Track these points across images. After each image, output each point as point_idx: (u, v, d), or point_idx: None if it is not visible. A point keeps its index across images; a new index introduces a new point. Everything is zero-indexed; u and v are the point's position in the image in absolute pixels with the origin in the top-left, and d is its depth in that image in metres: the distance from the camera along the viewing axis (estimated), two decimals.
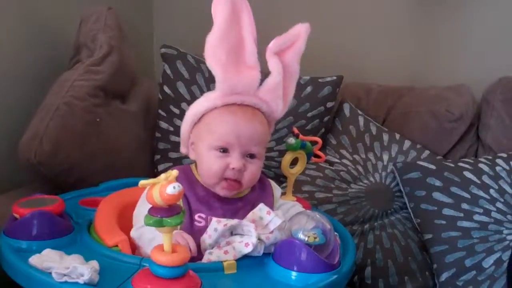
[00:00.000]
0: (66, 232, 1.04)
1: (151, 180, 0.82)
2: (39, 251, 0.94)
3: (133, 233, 1.03)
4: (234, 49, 1.01)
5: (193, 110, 1.06)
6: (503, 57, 1.72)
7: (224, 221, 0.98)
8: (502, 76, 1.63)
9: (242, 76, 1.02)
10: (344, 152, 1.56)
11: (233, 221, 0.98)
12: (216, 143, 1.02)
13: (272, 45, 1.03)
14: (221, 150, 1.02)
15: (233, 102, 1.02)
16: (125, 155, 1.46)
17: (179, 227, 0.98)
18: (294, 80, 1.09)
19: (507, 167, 1.43)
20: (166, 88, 1.56)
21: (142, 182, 0.83)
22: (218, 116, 1.02)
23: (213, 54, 0.99)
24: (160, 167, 1.53)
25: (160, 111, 1.56)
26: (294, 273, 0.94)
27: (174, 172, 0.83)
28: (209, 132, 1.03)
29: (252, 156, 1.03)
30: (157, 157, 1.55)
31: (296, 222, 1.00)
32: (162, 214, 0.82)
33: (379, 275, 1.35)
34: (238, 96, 1.02)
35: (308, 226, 0.98)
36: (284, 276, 0.95)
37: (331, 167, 1.52)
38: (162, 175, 0.83)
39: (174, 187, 0.80)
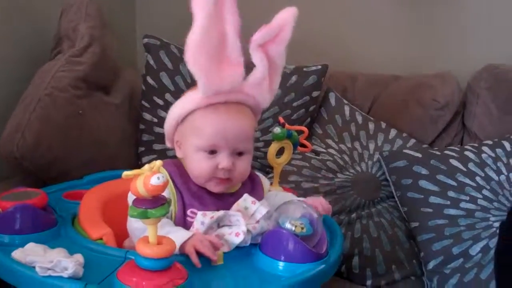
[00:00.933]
0: (50, 225, 1.01)
1: (134, 171, 0.81)
2: (22, 245, 0.92)
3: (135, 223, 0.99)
4: (216, 47, 0.98)
5: (176, 111, 1.04)
6: (488, 45, 1.73)
7: (210, 213, 0.97)
8: (487, 64, 1.63)
9: (225, 76, 0.99)
10: (330, 141, 1.55)
11: (219, 213, 0.97)
12: (203, 145, 1.00)
13: (256, 37, 0.99)
14: (209, 152, 1.00)
15: (217, 101, 1.00)
16: (109, 148, 1.44)
17: (167, 220, 0.98)
18: (280, 70, 1.07)
19: (493, 154, 1.43)
20: (149, 79, 1.54)
21: (126, 173, 0.81)
22: (202, 117, 1.00)
23: (194, 59, 0.96)
24: (144, 159, 1.51)
25: (143, 102, 1.54)
26: (281, 263, 0.94)
27: (158, 163, 0.81)
28: (195, 134, 1.00)
29: (240, 153, 1.02)
30: (141, 149, 1.53)
31: (283, 211, 0.99)
32: (146, 205, 0.80)
33: (367, 264, 1.35)
34: (222, 95, 1.00)
35: (295, 215, 0.98)
36: (271, 266, 0.94)
37: (317, 157, 1.51)
38: (146, 166, 0.81)
39: (158, 178, 0.79)
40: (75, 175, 1.27)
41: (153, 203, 0.81)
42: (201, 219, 0.97)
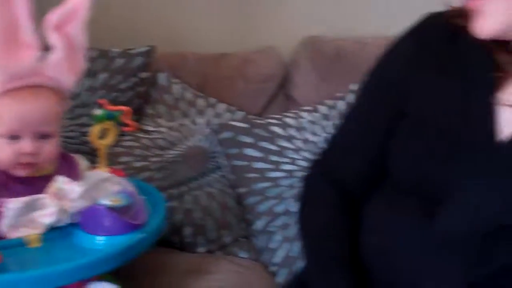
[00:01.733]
0: None
1: None
2: None
3: None
4: (7, 30, 0.96)
5: None
6: (308, 18, 1.84)
7: (18, 199, 0.97)
8: (306, 36, 1.75)
9: (19, 60, 0.97)
10: (160, 120, 1.59)
11: (26, 198, 0.98)
12: (3, 131, 0.99)
13: (51, 17, 1.00)
14: (10, 137, 0.99)
15: (14, 86, 0.99)
16: None
17: None
18: (80, 51, 1.07)
19: (311, 118, 1.55)
20: None
21: None
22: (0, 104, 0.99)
23: None
24: None
25: None
26: (99, 238, 0.98)
27: None
28: None
29: (44, 136, 1.02)
30: None
31: (100, 188, 1.02)
32: None
33: (199, 232, 1.40)
34: (19, 80, 0.99)
35: (112, 191, 1.02)
36: (91, 242, 0.98)
37: (148, 136, 1.54)
38: None
39: None
40: None
41: None
42: (9, 205, 0.97)
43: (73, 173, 1.09)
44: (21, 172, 1.02)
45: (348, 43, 1.74)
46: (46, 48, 1.02)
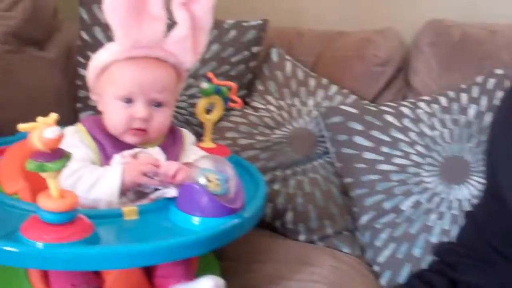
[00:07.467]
0: None
1: (30, 124, 0.80)
2: None
3: (64, 182, 0.99)
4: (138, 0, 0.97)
5: (96, 62, 1.05)
6: (432, 0, 1.71)
7: (125, 152, 0.99)
8: (430, 19, 1.62)
9: (144, 30, 0.98)
10: (270, 98, 1.54)
11: (135, 150, 1.00)
12: (119, 93, 1.00)
13: None
14: (125, 100, 1.00)
15: (136, 55, 1.00)
16: (43, 104, 1.40)
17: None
18: (205, 30, 1.05)
19: (429, 110, 1.43)
20: (83, 34, 1.50)
21: (21, 126, 0.80)
22: (119, 67, 1.01)
23: (112, 9, 0.96)
24: (82, 115, 1.49)
25: (79, 57, 1.50)
26: (195, 218, 0.93)
27: (54, 115, 0.80)
28: (112, 84, 1.01)
29: (158, 104, 1.02)
30: (79, 105, 1.51)
31: (199, 164, 0.98)
32: (43, 158, 0.79)
33: (300, 220, 1.35)
34: (142, 49, 1.00)
35: (211, 168, 0.97)
36: (186, 222, 0.94)
37: (256, 113, 1.50)
38: (40, 118, 0.80)
39: (52, 131, 0.78)
40: (7, 132, 1.25)
41: (51, 157, 0.79)
42: (118, 159, 0.98)
43: (176, 147, 1.08)
44: (132, 139, 1.02)
45: (475, 29, 1.59)
46: (171, 23, 1.02)
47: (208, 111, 1.22)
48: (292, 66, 1.59)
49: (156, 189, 0.99)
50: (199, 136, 1.21)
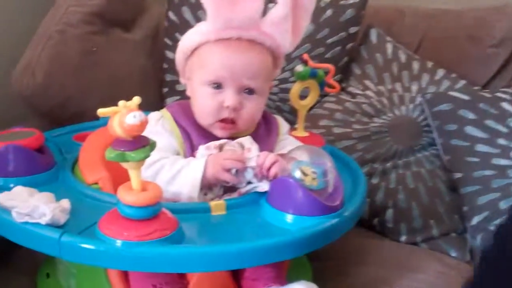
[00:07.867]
0: (45, 168, 0.95)
1: (111, 109, 0.73)
2: None
3: (144, 173, 0.94)
4: None
5: (184, 43, 0.98)
6: None
7: (211, 144, 0.93)
8: None
9: (238, 9, 0.90)
10: (368, 82, 1.42)
11: (221, 141, 0.93)
12: (208, 77, 0.93)
13: None
14: (214, 86, 0.93)
15: (228, 37, 0.92)
16: (127, 87, 1.36)
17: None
18: (308, 11, 0.96)
19: None
20: (171, 14, 1.44)
21: (101, 110, 0.73)
22: (209, 49, 0.93)
23: None
24: (168, 100, 1.44)
25: (166, 39, 1.45)
26: (289, 216, 0.84)
27: (136, 99, 0.72)
28: (201, 67, 0.94)
29: (250, 91, 0.94)
30: (165, 89, 1.45)
31: (294, 155, 0.90)
32: (125, 147, 0.72)
33: (402, 218, 1.25)
34: (235, 30, 0.91)
35: (307, 160, 0.88)
36: (279, 219, 0.84)
37: (353, 100, 1.39)
38: (121, 102, 0.72)
39: (134, 116, 0.70)
40: (91, 116, 1.21)
41: (133, 145, 0.72)
42: (202, 151, 0.92)
43: (271, 137, 1.01)
44: (220, 133, 0.95)
45: None
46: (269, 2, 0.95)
47: (301, 97, 1.14)
48: (393, 47, 1.47)
49: (249, 183, 0.91)
50: (291, 124, 1.12)
